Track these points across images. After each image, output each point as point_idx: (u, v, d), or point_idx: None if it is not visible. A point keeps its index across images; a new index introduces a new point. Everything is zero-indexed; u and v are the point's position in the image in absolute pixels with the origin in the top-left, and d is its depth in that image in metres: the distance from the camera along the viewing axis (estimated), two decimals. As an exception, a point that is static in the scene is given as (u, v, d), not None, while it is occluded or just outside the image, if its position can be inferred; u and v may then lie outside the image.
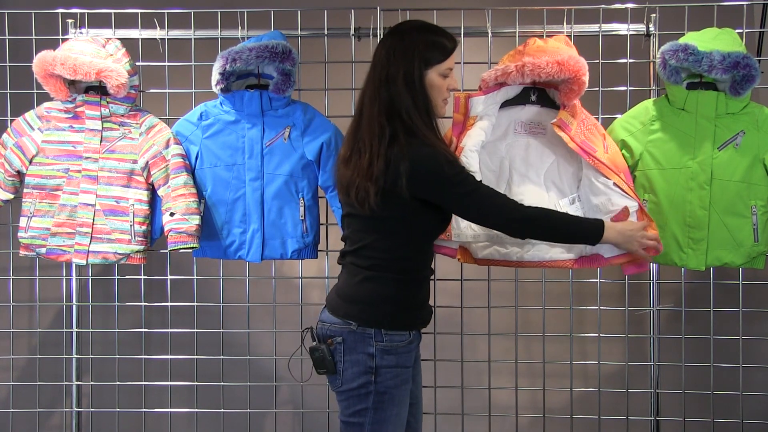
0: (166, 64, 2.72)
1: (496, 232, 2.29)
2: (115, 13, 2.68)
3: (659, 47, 2.41)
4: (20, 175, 2.47)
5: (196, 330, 2.81)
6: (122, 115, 2.46)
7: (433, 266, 2.63)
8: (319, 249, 2.53)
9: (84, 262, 2.43)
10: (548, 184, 2.32)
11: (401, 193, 1.83)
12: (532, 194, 2.28)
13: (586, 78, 2.21)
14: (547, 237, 2.05)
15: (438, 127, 1.95)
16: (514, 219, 1.91)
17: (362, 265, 1.92)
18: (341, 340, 1.90)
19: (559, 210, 2.26)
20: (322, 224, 2.55)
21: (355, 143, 1.90)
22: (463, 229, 2.25)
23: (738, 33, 2.35)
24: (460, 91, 1.93)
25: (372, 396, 1.87)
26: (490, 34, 2.64)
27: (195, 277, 2.80)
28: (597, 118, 2.51)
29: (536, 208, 1.97)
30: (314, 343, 1.93)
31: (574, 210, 2.29)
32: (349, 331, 1.90)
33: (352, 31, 2.65)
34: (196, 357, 2.82)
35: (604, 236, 2.00)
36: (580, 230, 2.01)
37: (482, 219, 1.96)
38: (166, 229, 2.38)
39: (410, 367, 1.94)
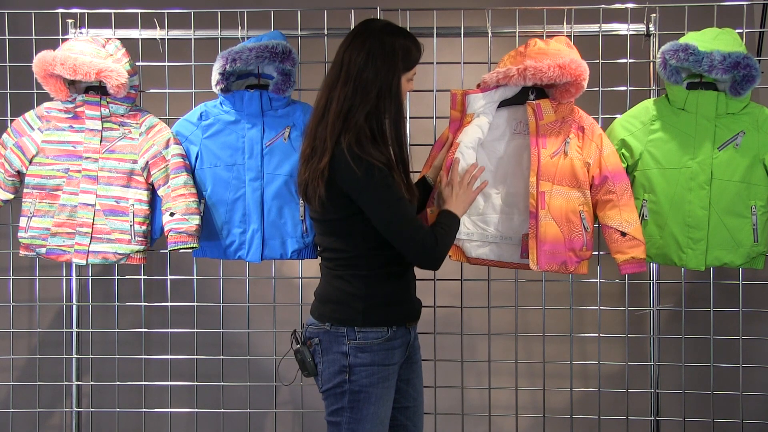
0: (166, 64, 2.72)
1: (491, 231, 2.30)
2: (115, 13, 2.68)
3: (659, 47, 2.41)
4: (20, 175, 2.47)
5: (196, 330, 2.81)
6: (122, 115, 2.46)
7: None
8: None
9: (84, 262, 2.43)
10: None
11: (339, 192, 1.85)
12: (526, 194, 2.28)
13: (585, 82, 2.23)
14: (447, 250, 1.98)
15: (406, 134, 1.95)
16: (427, 246, 1.85)
17: (330, 266, 1.96)
18: (318, 341, 1.92)
19: None
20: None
21: (314, 139, 1.90)
22: None
23: (738, 33, 2.35)
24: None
25: (347, 395, 1.88)
26: (490, 34, 2.64)
27: (195, 277, 2.80)
28: (597, 119, 2.51)
29: (434, 229, 1.91)
30: (297, 346, 1.95)
31: None
32: (324, 332, 1.92)
33: (352, 31, 2.65)
34: (196, 357, 2.82)
35: (459, 216, 2.01)
36: (455, 226, 1.98)
37: (393, 235, 1.85)
38: (166, 229, 2.38)
39: (391, 365, 1.91)
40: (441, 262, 1.91)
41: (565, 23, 2.59)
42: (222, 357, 2.79)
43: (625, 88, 2.65)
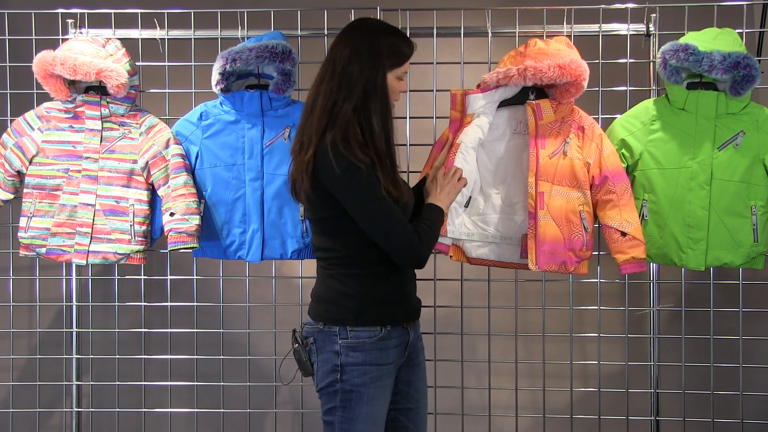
0: (166, 64, 2.72)
1: (491, 231, 2.30)
2: (115, 13, 2.68)
3: (659, 47, 2.41)
4: (20, 175, 2.47)
5: (196, 330, 2.81)
6: (122, 115, 2.46)
7: (432, 265, 2.65)
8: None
9: (84, 262, 2.43)
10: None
11: (324, 187, 1.84)
12: (526, 194, 2.28)
13: (585, 82, 2.23)
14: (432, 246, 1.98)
15: (393, 130, 1.93)
16: (410, 245, 1.85)
17: (323, 265, 1.96)
18: (313, 340, 1.92)
19: None
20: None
21: (303, 134, 1.90)
22: (457, 225, 2.26)
23: (738, 33, 2.35)
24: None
25: (339, 394, 1.87)
26: (490, 34, 2.64)
27: (195, 277, 2.80)
28: (597, 119, 2.51)
29: (417, 227, 1.91)
30: (295, 345, 1.95)
31: None
32: (318, 331, 1.92)
33: (352, 31, 2.65)
34: (196, 357, 2.82)
35: (444, 208, 2.03)
36: (440, 221, 2.00)
37: (376, 234, 1.84)
38: (166, 229, 2.38)
39: (385, 365, 1.90)
40: (425, 260, 1.91)
41: (565, 23, 2.59)
42: (222, 357, 2.79)
43: (625, 88, 2.65)
